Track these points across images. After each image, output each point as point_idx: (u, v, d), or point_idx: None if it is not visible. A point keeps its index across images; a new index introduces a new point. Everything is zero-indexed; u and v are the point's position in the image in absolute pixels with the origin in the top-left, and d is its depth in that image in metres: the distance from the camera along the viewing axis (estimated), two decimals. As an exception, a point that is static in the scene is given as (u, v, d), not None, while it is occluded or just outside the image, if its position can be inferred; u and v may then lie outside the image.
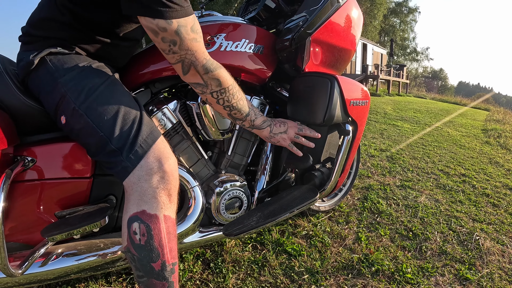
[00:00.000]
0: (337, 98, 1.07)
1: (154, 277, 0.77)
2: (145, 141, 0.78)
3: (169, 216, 0.79)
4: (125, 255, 0.80)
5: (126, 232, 0.77)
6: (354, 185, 2.20)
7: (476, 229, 1.70)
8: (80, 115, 0.78)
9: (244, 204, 1.14)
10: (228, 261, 1.26)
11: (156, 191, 0.76)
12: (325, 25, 1.12)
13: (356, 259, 1.31)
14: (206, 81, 0.85)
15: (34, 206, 0.89)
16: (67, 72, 0.81)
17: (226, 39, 1.05)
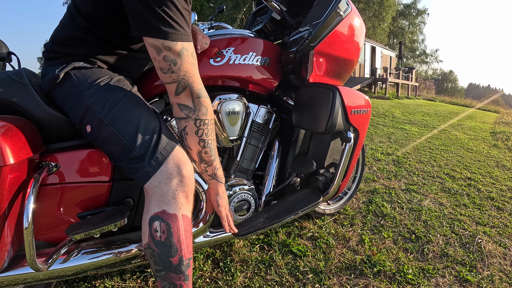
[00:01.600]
0: (338, 107, 1.12)
1: (172, 270, 0.83)
2: (165, 149, 0.85)
3: (186, 215, 0.85)
4: (145, 251, 0.86)
5: (148, 230, 0.83)
6: (360, 188, 2.22)
7: (479, 232, 1.71)
8: (105, 125, 0.85)
9: (252, 206, 1.19)
10: (237, 261, 1.31)
11: (175, 193, 0.83)
12: (328, 38, 1.17)
13: (359, 260, 1.35)
14: (196, 105, 0.85)
15: (58, 208, 0.96)
16: (91, 85, 0.88)
17: (234, 53, 1.11)
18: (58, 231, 0.97)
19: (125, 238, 1.02)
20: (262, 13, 1.65)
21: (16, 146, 0.76)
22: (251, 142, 1.23)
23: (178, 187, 0.83)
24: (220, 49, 1.10)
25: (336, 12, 1.16)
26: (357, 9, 1.31)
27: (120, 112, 0.86)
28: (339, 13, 1.18)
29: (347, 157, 1.24)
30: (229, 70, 1.11)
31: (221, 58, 1.09)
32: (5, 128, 0.76)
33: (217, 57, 1.09)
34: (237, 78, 1.13)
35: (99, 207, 1.00)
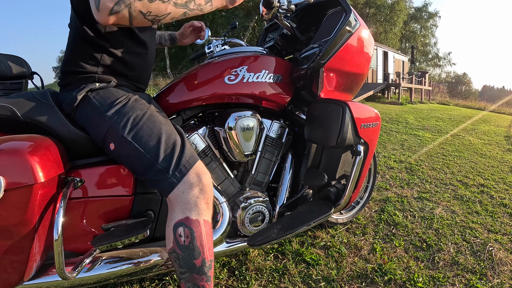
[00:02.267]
0: (348, 122, 1.16)
1: (195, 272, 0.89)
2: (188, 162, 0.91)
3: (207, 221, 0.92)
4: (170, 255, 0.91)
5: (172, 236, 0.89)
6: (372, 197, 2.23)
7: (490, 239, 1.69)
8: (128, 142, 0.91)
9: (266, 217, 1.23)
10: (252, 269, 1.35)
11: (197, 200, 0.89)
12: (337, 54, 1.21)
13: (370, 269, 1.37)
14: None
15: (83, 220, 1.01)
16: (111, 106, 0.95)
17: (248, 71, 1.17)
18: (82, 242, 1.03)
19: (145, 248, 1.08)
20: (273, 29, 1.70)
21: (45, 165, 0.81)
22: (265, 156, 1.28)
23: (199, 194, 0.90)
24: (234, 68, 1.16)
25: (345, 28, 1.21)
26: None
27: (141, 130, 0.93)
28: (348, 30, 1.22)
29: (357, 170, 1.27)
30: (243, 88, 1.16)
31: (235, 77, 1.15)
32: (35, 147, 0.82)
33: (231, 76, 1.15)
34: (251, 95, 1.18)
35: (122, 219, 1.05)
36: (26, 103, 0.95)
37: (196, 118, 1.27)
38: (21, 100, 0.95)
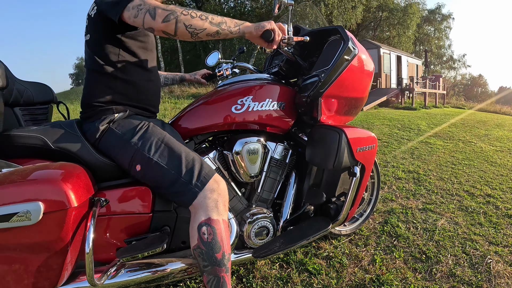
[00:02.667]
0: (344, 147, 1.27)
1: (217, 264, 1.04)
2: (207, 174, 1.08)
3: (225, 220, 1.08)
4: (194, 251, 1.06)
5: (196, 235, 1.05)
6: (377, 209, 2.30)
7: (490, 252, 1.73)
8: (154, 162, 1.08)
9: (270, 232, 1.35)
10: (258, 277, 1.47)
11: (217, 203, 1.06)
12: (336, 82, 1.31)
13: (368, 279, 1.46)
14: (170, 8, 1.01)
15: (107, 234, 1.15)
16: (133, 134, 1.11)
17: (253, 101, 1.31)
18: (107, 253, 1.17)
19: (162, 259, 1.21)
20: (278, 53, 1.83)
21: (77, 191, 0.94)
22: (270, 176, 1.40)
23: (218, 198, 1.06)
24: (240, 98, 1.30)
25: (343, 58, 1.31)
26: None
27: (164, 150, 1.10)
28: (346, 58, 1.32)
29: (354, 189, 1.38)
30: (249, 116, 1.30)
31: (241, 107, 1.29)
32: (68, 175, 0.95)
33: (238, 106, 1.29)
34: (256, 122, 1.31)
35: (142, 234, 1.19)
36: (56, 133, 1.09)
37: (207, 143, 1.40)
38: (51, 131, 1.10)
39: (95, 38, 1.13)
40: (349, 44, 1.30)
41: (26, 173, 0.95)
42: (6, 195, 0.87)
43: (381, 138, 5.26)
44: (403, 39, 22.03)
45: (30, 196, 0.87)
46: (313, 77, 1.33)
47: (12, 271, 0.92)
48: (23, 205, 0.86)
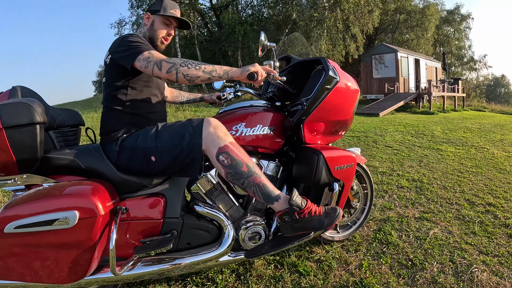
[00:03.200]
0: (322, 167, 1.47)
1: (248, 176, 1.31)
2: (198, 122, 1.36)
3: (231, 141, 1.33)
4: (228, 178, 1.33)
5: (219, 165, 1.31)
6: (374, 217, 2.41)
7: (478, 261, 1.79)
8: (161, 146, 1.34)
9: (262, 237, 1.54)
10: (254, 276, 1.67)
11: (217, 135, 1.32)
12: (317, 109, 1.51)
13: (352, 282, 1.62)
14: (172, 61, 1.31)
15: (127, 235, 1.40)
16: (137, 140, 1.38)
17: (245, 127, 1.53)
18: (127, 250, 1.41)
19: (171, 255, 1.45)
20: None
21: (104, 202, 1.21)
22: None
23: (215, 130, 1.32)
24: (235, 125, 1.53)
25: (323, 87, 1.50)
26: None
27: (161, 135, 1.37)
28: (327, 88, 1.51)
29: (334, 202, 1.57)
30: (242, 140, 1.52)
31: (235, 132, 1.52)
32: (96, 190, 1.23)
33: (233, 131, 1.51)
34: (249, 145, 1.53)
35: (155, 236, 1.43)
36: (85, 156, 1.37)
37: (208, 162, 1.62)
38: (81, 153, 1.38)
39: (109, 80, 1.43)
40: (330, 73, 1.49)
41: (64, 188, 1.22)
42: (50, 205, 1.15)
43: (392, 146, 5.27)
44: (422, 42, 21.56)
45: (69, 206, 1.15)
46: (298, 105, 1.52)
47: (53, 262, 1.19)
48: (63, 213, 1.14)
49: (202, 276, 1.69)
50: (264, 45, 1.46)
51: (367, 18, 16.15)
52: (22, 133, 1.20)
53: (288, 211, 1.34)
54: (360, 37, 16.59)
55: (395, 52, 15.56)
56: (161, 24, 1.51)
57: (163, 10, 1.49)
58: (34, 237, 1.15)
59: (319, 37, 15.70)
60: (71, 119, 1.65)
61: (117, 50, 1.35)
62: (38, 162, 1.28)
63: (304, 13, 15.86)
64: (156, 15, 1.51)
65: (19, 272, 1.19)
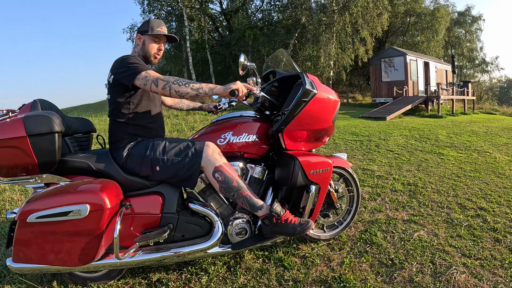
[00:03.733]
0: (298, 170, 1.65)
1: (237, 189, 1.57)
2: (199, 145, 1.60)
3: (225, 162, 1.59)
4: (221, 192, 1.59)
5: (215, 181, 1.56)
6: (363, 218, 2.51)
7: (459, 263, 1.84)
8: (167, 160, 1.56)
9: (248, 232, 1.72)
10: (243, 268, 1.84)
11: (214, 156, 1.57)
12: (295, 120, 1.68)
13: (331, 277, 1.75)
14: (167, 79, 1.51)
15: (130, 227, 1.60)
16: (146, 149, 1.59)
17: (232, 135, 1.73)
18: (130, 240, 1.60)
19: (167, 245, 1.64)
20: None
21: (111, 197, 1.41)
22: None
23: (213, 153, 1.58)
24: (223, 133, 1.72)
25: (301, 100, 1.65)
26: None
27: (170, 150, 1.59)
28: (304, 100, 1.66)
29: (310, 203, 1.75)
30: (229, 147, 1.72)
31: (223, 140, 1.72)
32: (105, 187, 1.44)
33: (221, 139, 1.72)
34: (236, 151, 1.73)
35: (153, 228, 1.62)
36: (96, 159, 1.59)
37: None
38: (93, 157, 1.59)
39: (113, 97, 1.64)
40: (307, 87, 1.65)
41: (78, 186, 1.45)
42: (66, 199, 1.37)
43: (393, 150, 5.27)
44: (433, 44, 21.26)
45: (81, 200, 1.37)
46: (279, 115, 1.68)
47: (67, 248, 1.41)
48: (76, 206, 1.36)
49: (197, 267, 1.86)
50: (244, 65, 1.65)
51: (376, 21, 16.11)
52: (43, 140, 1.42)
53: (268, 215, 1.63)
54: (369, 40, 16.55)
55: (404, 55, 15.45)
56: (151, 42, 1.71)
57: (150, 30, 1.68)
58: (52, 226, 1.37)
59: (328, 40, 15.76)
60: (84, 126, 1.86)
61: (118, 71, 1.57)
62: (56, 165, 1.51)
63: (313, 17, 15.94)
64: (146, 35, 1.70)
65: (39, 256, 1.41)
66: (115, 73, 1.58)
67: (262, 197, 1.82)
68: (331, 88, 1.81)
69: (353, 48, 16.50)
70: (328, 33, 15.58)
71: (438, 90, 12.71)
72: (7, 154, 1.39)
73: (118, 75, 1.56)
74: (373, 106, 14.91)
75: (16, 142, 1.38)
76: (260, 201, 1.64)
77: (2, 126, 1.40)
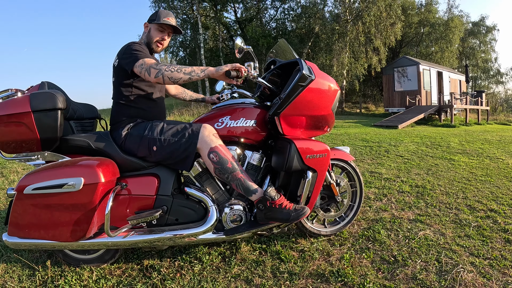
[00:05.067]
0: (294, 154, 1.57)
1: (232, 171, 1.52)
2: (196, 127, 1.58)
3: (221, 144, 1.55)
4: (216, 173, 1.54)
5: (209, 162, 1.53)
6: (367, 217, 2.40)
7: (466, 262, 1.72)
8: (164, 140, 1.54)
9: (243, 219, 1.65)
10: (238, 258, 1.77)
11: (210, 138, 1.54)
12: (292, 104, 1.61)
13: (328, 271, 1.65)
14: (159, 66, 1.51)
15: (125, 207, 1.57)
16: (144, 130, 1.57)
17: (230, 119, 1.68)
18: (123, 220, 1.56)
19: (160, 228, 1.60)
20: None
21: (105, 173, 1.40)
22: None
23: (209, 134, 1.55)
24: (221, 117, 1.67)
25: (297, 84, 1.58)
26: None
27: (165, 131, 1.57)
28: (301, 84, 1.59)
29: (307, 190, 1.66)
30: (226, 131, 1.67)
31: (221, 124, 1.67)
32: (100, 164, 1.42)
33: (219, 123, 1.67)
34: (233, 135, 1.67)
35: (148, 209, 1.58)
36: (96, 139, 1.58)
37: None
38: (93, 137, 1.58)
39: (116, 80, 1.66)
40: (304, 72, 1.58)
41: (75, 161, 1.45)
42: (61, 172, 1.38)
43: (403, 155, 5.12)
44: (446, 54, 20.81)
45: (76, 174, 1.37)
46: (275, 101, 1.62)
47: (60, 221, 1.40)
48: (71, 179, 1.36)
49: (191, 256, 1.81)
50: (240, 48, 1.60)
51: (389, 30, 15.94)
52: (46, 117, 1.44)
53: (262, 199, 1.56)
54: (382, 50, 16.36)
55: (417, 65, 15.17)
56: (156, 30, 1.74)
57: (157, 19, 1.71)
58: (47, 198, 1.38)
59: (341, 50, 15.67)
60: (89, 112, 1.87)
61: (122, 56, 1.60)
62: (58, 142, 1.51)
63: (327, 26, 15.91)
64: (152, 23, 1.74)
65: (33, 230, 1.41)
66: (119, 58, 1.62)
67: (259, 185, 1.75)
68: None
69: (366, 57, 16.33)
70: (341, 42, 15.50)
71: (452, 100, 12.38)
72: (12, 130, 1.42)
73: (122, 61, 1.60)
74: (386, 116, 14.65)
75: (21, 117, 1.41)
76: (254, 185, 1.58)
77: (9, 102, 1.43)
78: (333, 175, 1.94)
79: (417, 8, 21.94)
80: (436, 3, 22.31)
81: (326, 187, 1.95)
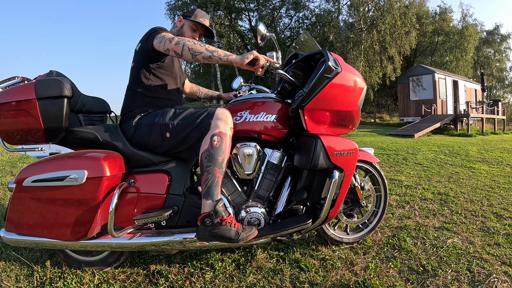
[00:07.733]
0: (320, 151, 1.40)
1: (217, 166, 1.34)
2: (211, 111, 1.45)
3: (230, 134, 1.40)
4: (203, 155, 1.35)
5: (209, 142, 1.35)
6: (390, 224, 2.23)
7: (499, 271, 1.59)
8: (177, 124, 1.43)
9: (261, 223, 1.50)
10: (254, 266, 1.61)
11: (225, 122, 1.40)
12: (317, 97, 1.46)
13: (353, 281, 1.48)
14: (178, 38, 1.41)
15: (133, 206, 1.44)
16: (155, 117, 1.46)
17: (249, 114, 1.53)
18: (130, 220, 1.43)
19: (169, 231, 1.45)
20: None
21: (111, 167, 1.28)
22: (266, 177, 1.56)
23: (226, 119, 1.41)
24: (240, 111, 1.53)
25: (323, 76, 1.44)
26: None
27: (180, 114, 1.46)
28: (327, 76, 1.45)
29: (332, 191, 1.47)
30: (245, 125, 1.52)
31: (240, 118, 1.52)
32: (107, 157, 1.30)
33: (237, 117, 1.53)
34: (252, 131, 1.52)
35: (157, 209, 1.45)
36: (104, 131, 1.45)
37: None
38: (101, 129, 1.46)
39: (136, 65, 1.54)
40: (330, 63, 1.44)
41: (79, 153, 1.34)
42: (63, 164, 1.26)
43: (422, 163, 4.92)
44: (461, 64, 20.25)
45: (79, 166, 1.25)
46: (299, 94, 1.48)
47: (60, 218, 1.27)
48: (73, 171, 1.24)
49: (202, 262, 1.67)
50: (263, 35, 1.48)
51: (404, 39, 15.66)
52: (51, 104, 1.32)
53: (212, 213, 1.33)
54: (397, 59, 16.07)
55: (432, 74, 14.79)
56: (189, 28, 1.65)
57: (193, 17, 1.64)
58: (47, 191, 1.25)
59: (356, 58, 15.47)
60: (99, 106, 1.76)
61: (144, 37, 1.50)
62: (63, 133, 1.39)
63: (341, 34, 15.77)
64: (187, 20, 1.65)
65: (31, 226, 1.29)
66: (142, 40, 1.52)
67: (279, 187, 1.61)
68: None
69: (381, 66, 16.06)
70: (356, 51, 15.31)
71: (468, 109, 11.97)
72: (17, 119, 1.31)
73: (143, 43, 1.50)
74: (401, 125, 14.31)
75: (25, 105, 1.30)
76: (219, 194, 1.37)
77: (14, 90, 1.33)
78: (357, 177, 1.79)
79: (432, 17, 21.48)
80: (450, 11, 21.82)
81: (350, 190, 1.78)
